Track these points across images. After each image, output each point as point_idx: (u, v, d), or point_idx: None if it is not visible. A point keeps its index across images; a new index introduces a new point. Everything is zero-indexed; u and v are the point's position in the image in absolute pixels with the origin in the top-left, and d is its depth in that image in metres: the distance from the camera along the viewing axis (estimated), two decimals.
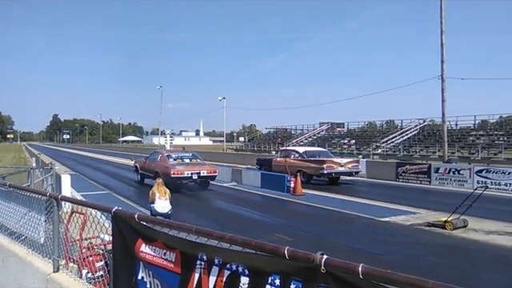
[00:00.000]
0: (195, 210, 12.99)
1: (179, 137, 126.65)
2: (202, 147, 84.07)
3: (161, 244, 2.70)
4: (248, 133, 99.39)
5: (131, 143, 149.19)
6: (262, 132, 76.76)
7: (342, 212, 12.16)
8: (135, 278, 2.89)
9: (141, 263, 2.85)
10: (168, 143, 49.80)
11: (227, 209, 13.30)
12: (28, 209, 4.78)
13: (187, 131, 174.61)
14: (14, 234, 5.44)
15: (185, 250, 2.54)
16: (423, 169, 19.96)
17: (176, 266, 2.58)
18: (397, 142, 38.72)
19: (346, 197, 15.18)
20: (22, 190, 5.19)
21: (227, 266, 2.32)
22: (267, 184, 16.95)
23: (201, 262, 2.44)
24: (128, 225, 2.96)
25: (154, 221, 2.78)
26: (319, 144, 46.07)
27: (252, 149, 56.24)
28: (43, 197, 4.48)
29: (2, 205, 5.68)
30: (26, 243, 4.99)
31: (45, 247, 4.43)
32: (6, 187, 5.53)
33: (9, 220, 5.47)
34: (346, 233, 9.89)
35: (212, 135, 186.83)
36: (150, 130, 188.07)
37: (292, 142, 49.96)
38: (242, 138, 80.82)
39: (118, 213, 3.06)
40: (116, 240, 3.09)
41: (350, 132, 49.26)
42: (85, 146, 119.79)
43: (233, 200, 15.08)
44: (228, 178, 20.59)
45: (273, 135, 62.04)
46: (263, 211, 12.81)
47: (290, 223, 11.04)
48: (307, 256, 2.02)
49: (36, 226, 4.57)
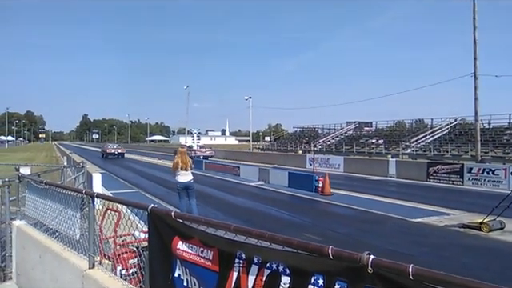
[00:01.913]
0: (223, 209, 13.00)
1: (205, 136, 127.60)
2: (228, 146, 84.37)
3: (198, 242, 2.66)
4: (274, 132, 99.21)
5: (158, 143, 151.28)
6: (288, 131, 76.59)
7: (371, 212, 11.96)
8: (172, 275, 2.87)
9: (177, 261, 2.83)
10: (195, 143, 50.18)
11: (255, 208, 13.26)
12: (64, 206, 4.84)
13: (213, 131, 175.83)
14: (50, 230, 5.55)
15: (223, 248, 2.50)
16: (455, 169, 19.45)
17: (214, 264, 2.54)
18: (427, 141, 37.90)
19: (375, 197, 14.92)
20: (58, 188, 5.27)
21: (267, 264, 2.25)
22: (295, 183, 16.84)
23: (239, 261, 2.39)
24: (164, 222, 2.94)
25: (190, 218, 2.75)
26: (346, 143, 45.68)
27: (278, 148, 56.12)
28: (79, 194, 4.53)
29: (39, 202, 5.78)
30: (62, 239, 5.07)
31: (80, 244, 4.47)
32: (42, 185, 5.63)
33: (45, 217, 5.57)
34: (376, 233, 9.70)
35: (238, 135, 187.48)
36: (177, 130, 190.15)
37: (319, 142, 49.61)
38: (268, 137, 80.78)
39: (154, 210, 3.04)
40: (152, 237, 3.08)
41: (378, 131, 48.50)
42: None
43: (260, 199, 15.04)
44: (255, 177, 20.60)
45: (299, 134, 61.75)
46: (291, 211, 12.71)
47: (318, 223, 10.92)
48: (353, 256, 1.94)
49: (72, 222, 4.62)
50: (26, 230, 5.94)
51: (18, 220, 6.41)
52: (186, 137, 70.79)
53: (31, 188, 6.26)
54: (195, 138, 52.78)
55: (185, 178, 10.66)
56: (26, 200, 6.48)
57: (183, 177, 10.65)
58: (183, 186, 10.65)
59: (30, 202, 6.26)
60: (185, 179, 10.65)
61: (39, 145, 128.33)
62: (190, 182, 10.72)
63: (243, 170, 22.95)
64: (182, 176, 10.64)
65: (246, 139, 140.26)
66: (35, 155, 48.26)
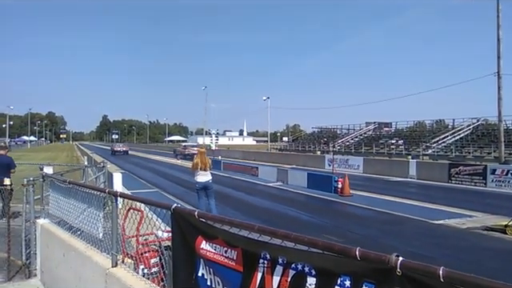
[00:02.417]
0: (242, 209, 13.02)
1: (223, 137, 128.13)
2: (246, 147, 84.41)
3: (222, 242, 2.66)
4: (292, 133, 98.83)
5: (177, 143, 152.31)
6: (306, 132, 76.28)
7: (391, 214, 11.82)
8: (195, 274, 2.87)
9: (201, 260, 2.83)
10: (213, 143, 50.41)
11: (274, 208, 13.23)
12: (87, 205, 4.90)
13: (231, 131, 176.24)
14: (72, 229, 5.64)
15: (247, 248, 2.49)
16: (478, 170, 19.08)
17: (238, 264, 2.53)
18: (448, 142, 37.31)
19: (395, 198, 14.74)
20: (82, 187, 5.35)
21: (292, 265, 2.24)
22: (314, 184, 16.75)
23: (264, 261, 2.37)
24: (187, 222, 2.94)
25: (214, 218, 2.75)
26: (366, 144, 45.26)
27: (296, 148, 55.96)
28: (102, 193, 4.58)
29: (62, 201, 5.87)
30: (84, 238, 5.14)
31: (103, 242, 4.52)
32: (65, 184, 5.72)
33: (68, 215, 5.65)
34: (396, 235, 9.57)
35: (255, 135, 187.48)
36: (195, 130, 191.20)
37: (337, 142, 49.28)
38: (286, 137, 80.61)
39: (177, 210, 3.05)
40: (176, 237, 3.08)
41: (398, 132, 47.96)
42: (133, 145, 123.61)
43: (279, 200, 15.01)
44: (273, 177, 20.57)
45: (317, 135, 61.46)
46: (310, 211, 12.64)
47: (337, 224, 10.84)
48: (381, 257, 1.91)
49: (95, 221, 4.67)
50: (50, 228, 6.04)
51: (42, 218, 6.52)
52: (204, 137, 71.20)
53: (55, 187, 6.36)
54: (213, 138, 52.97)
55: (204, 178, 10.72)
56: (49, 199, 6.60)
57: (202, 177, 10.72)
58: (202, 185, 10.72)
59: (53, 200, 6.36)
60: (204, 179, 10.72)
61: (60, 145, 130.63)
62: (208, 181, 10.79)
63: (261, 170, 22.94)
64: (201, 176, 10.71)
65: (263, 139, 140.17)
66: (56, 155, 49.11)
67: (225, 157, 39.01)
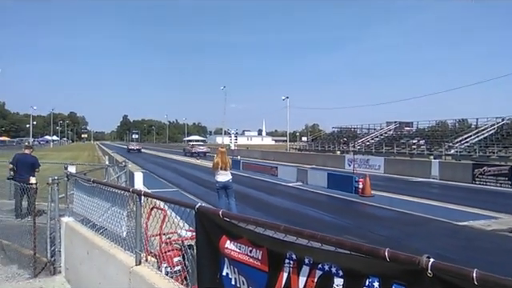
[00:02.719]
0: (262, 209, 13.00)
1: (242, 136, 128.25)
2: (265, 147, 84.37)
3: (246, 241, 2.65)
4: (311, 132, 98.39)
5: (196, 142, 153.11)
6: (326, 132, 75.85)
7: (414, 214, 11.64)
8: (220, 274, 2.87)
9: (225, 260, 2.82)
10: (233, 143, 50.53)
11: (294, 208, 13.17)
12: (111, 204, 4.95)
13: (249, 131, 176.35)
14: (96, 227, 5.71)
15: (272, 248, 2.47)
16: (503, 171, 18.62)
17: (263, 264, 2.52)
18: (471, 142, 36.56)
19: (418, 199, 14.51)
20: (105, 186, 5.41)
21: (319, 265, 2.21)
22: (334, 184, 16.62)
23: (289, 261, 2.35)
24: (212, 221, 2.94)
25: (238, 218, 2.74)
26: (386, 144, 44.73)
27: (316, 148, 55.67)
28: (126, 192, 4.62)
29: (86, 199, 5.96)
30: (107, 236, 5.20)
31: (127, 241, 4.56)
32: (89, 183, 5.80)
33: (92, 214, 5.73)
34: (419, 236, 9.42)
35: (274, 135, 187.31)
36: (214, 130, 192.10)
37: (358, 142, 48.84)
38: (305, 137, 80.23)
39: (201, 209, 3.05)
40: (200, 236, 3.09)
41: (419, 132, 47.25)
42: (152, 145, 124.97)
43: (299, 200, 14.95)
44: (293, 177, 20.49)
45: (337, 135, 61.03)
46: (331, 212, 12.54)
47: (359, 224, 10.73)
48: (411, 259, 1.87)
49: (118, 220, 4.72)
50: (74, 226, 6.14)
51: (67, 217, 6.64)
52: (222, 137, 71.42)
53: (79, 186, 6.46)
54: (233, 138, 53.08)
55: (224, 178, 10.77)
56: (73, 197, 6.71)
57: (222, 176, 10.76)
58: (222, 185, 10.77)
59: (77, 199, 6.46)
60: (224, 179, 10.77)
61: (82, 144, 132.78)
62: (228, 181, 10.83)
63: (281, 170, 22.88)
64: (222, 175, 10.76)
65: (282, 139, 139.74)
66: (78, 154, 49.92)
67: (244, 156, 39.08)
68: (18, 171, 10.83)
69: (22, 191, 9.87)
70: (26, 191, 9.25)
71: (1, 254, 7.82)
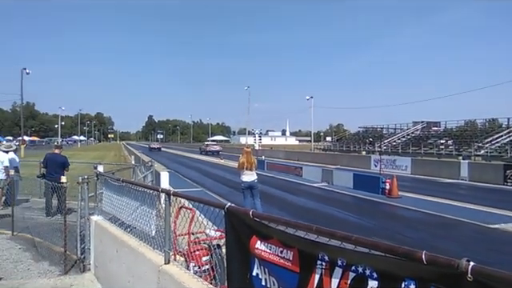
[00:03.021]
0: (287, 209, 12.95)
1: (266, 136, 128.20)
2: (289, 147, 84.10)
3: (277, 242, 2.63)
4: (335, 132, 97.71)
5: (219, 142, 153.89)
6: (350, 131, 75.13)
7: (443, 216, 11.37)
8: (250, 274, 2.86)
9: (255, 260, 2.81)
10: (257, 143, 50.57)
11: (319, 209, 13.07)
12: (140, 203, 5.01)
13: (273, 131, 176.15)
14: (124, 225, 5.79)
15: (304, 249, 2.44)
16: None
17: (294, 265, 2.49)
18: (503, 142, 35.53)
19: (447, 200, 14.18)
20: (134, 185, 5.47)
21: (352, 267, 2.17)
22: (360, 185, 16.43)
23: (321, 263, 2.32)
24: (241, 221, 2.93)
25: (269, 218, 2.72)
26: (413, 144, 43.97)
27: (340, 148, 55.19)
28: (155, 192, 4.66)
29: (115, 198, 6.05)
30: (136, 234, 5.26)
31: (155, 240, 4.60)
32: (119, 182, 5.88)
33: (121, 213, 5.81)
34: (449, 239, 9.19)
35: (298, 135, 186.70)
36: (237, 130, 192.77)
37: (384, 142, 48.16)
38: (330, 137, 79.63)
39: (231, 209, 3.05)
40: (229, 236, 3.08)
41: (448, 132, 46.25)
42: (177, 145, 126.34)
43: (324, 200, 14.83)
44: (318, 178, 20.36)
45: (362, 135, 60.34)
46: (357, 213, 12.38)
47: (386, 226, 10.55)
48: (450, 262, 1.82)
49: (147, 219, 4.76)
50: (104, 224, 6.23)
51: (96, 215, 6.75)
52: (246, 137, 71.54)
53: (108, 185, 6.56)
54: (257, 138, 53.10)
55: (249, 178, 10.77)
56: (103, 196, 6.82)
57: (248, 176, 10.77)
58: (247, 185, 10.77)
59: (106, 198, 6.56)
60: (249, 179, 10.77)
61: (108, 144, 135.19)
62: (254, 181, 10.83)
63: (306, 170, 22.76)
64: (247, 175, 10.77)
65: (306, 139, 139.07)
66: (105, 154, 50.81)
67: (268, 157, 39.06)
68: (48, 170, 11.09)
69: (52, 190, 10.14)
70: (57, 190, 9.48)
71: (33, 250, 8.03)
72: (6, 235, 9.03)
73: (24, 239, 8.78)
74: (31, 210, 11.30)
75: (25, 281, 6.31)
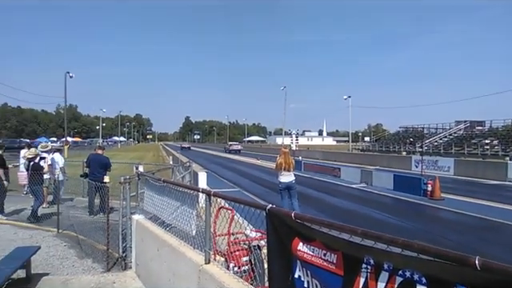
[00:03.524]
0: (325, 210, 12.79)
1: (302, 137, 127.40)
2: (326, 147, 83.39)
3: (320, 244, 2.58)
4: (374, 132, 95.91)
5: (255, 143, 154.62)
6: (390, 131, 73.58)
7: (489, 219, 10.93)
8: (292, 276, 2.83)
9: (298, 262, 2.77)
10: (294, 143, 50.37)
11: (358, 210, 12.84)
12: (180, 203, 5.07)
13: (310, 131, 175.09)
14: (163, 224, 5.89)
15: (348, 252, 2.38)
16: None
17: (338, 268, 2.44)
18: None
19: (493, 203, 13.63)
20: (175, 186, 5.54)
21: (399, 272, 2.10)
22: (401, 186, 16.04)
23: (367, 266, 2.26)
24: (283, 223, 2.90)
25: (311, 220, 2.68)
26: (456, 144, 42.56)
27: (380, 149, 54.13)
28: (195, 192, 4.70)
29: (156, 198, 6.15)
30: (176, 234, 5.32)
31: (196, 239, 4.64)
32: (160, 182, 5.98)
33: (161, 212, 5.90)
34: (496, 243, 8.81)
35: (335, 135, 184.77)
36: (273, 130, 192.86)
37: (425, 142, 46.83)
38: (368, 137, 78.26)
39: (272, 210, 3.02)
40: (271, 237, 3.06)
41: (493, 131, 44.41)
42: (213, 145, 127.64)
43: (363, 202, 14.56)
44: (357, 179, 20.04)
45: (402, 135, 58.93)
46: (398, 215, 12.07)
47: (428, 229, 10.24)
48: (507, 269, 1.72)
49: (188, 219, 4.81)
50: (145, 223, 6.35)
51: (137, 214, 6.89)
52: (283, 137, 71.36)
53: (149, 185, 6.68)
54: (294, 138, 52.86)
55: (287, 179, 10.71)
56: (144, 196, 6.96)
57: (285, 177, 10.71)
58: (285, 185, 10.71)
59: (147, 198, 6.69)
60: (287, 179, 10.71)
61: (146, 145, 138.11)
62: (291, 182, 10.76)
63: (344, 171, 22.45)
64: (285, 176, 10.71)
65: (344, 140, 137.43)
66: (144, 155, 51.90)
67: (305, 157, 38.84)
68: (91, 170, 11.43)
69: (95, 189, 10.46)
70: (99, 189, 9.77)
71: (77, 247, 8.30)
72: (53, 232, 9.39)
73: (69, 237, 9.10)
74: (75, 209, 11.71)
75: (70, 277, 6.53)
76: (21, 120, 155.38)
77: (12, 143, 49.74)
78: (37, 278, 6.32)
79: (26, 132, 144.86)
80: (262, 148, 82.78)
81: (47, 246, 8.21)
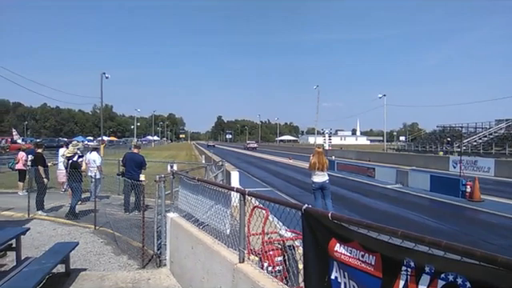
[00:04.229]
0: (359, 211, 12.59)
1: (335, 136, 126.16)
2: (360, 147, 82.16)
3: (358, 245, 2.52)
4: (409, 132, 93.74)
5: (287, 142, 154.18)
6: (426, 131, 71.78)
7: None
8: (328, 277, 2.78)
9: (334, 263, 2.72)
10: (327, 143, 49.92)
11: (393, 212, 12.56)
12: (214, 202, 5.09)
13: (343, 130, 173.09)
14: (197, 222, 5.93)
15: (387, 254, 2.32)
16: None
17: (376, 270, 2.37)
18: None
19: None
20: (210, 184, 5.57)
21: (442, 275, 2.02)
22: (438, 187, 15.61)
23: (407, 269, 2.19)
24: (320, 223, 2.85)
25: (349, 221, 2.62)
26: (496, 144, 41.04)
27: (416, 149, 52.90)
28: (229, 191, 4.71)
29: (190, 196, 6.20)
30: (210, 232, 5.35)
31: (230, 238, 4.65)
32: (194, 181, 6.03)
33: (195, 211, 5.95)
34: None
35: (369, 134, 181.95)
36: (306, 130, 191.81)
37: (463, 142, 45.39)
38: (403, 137, 76.61)
39: (308, 210, 2.98)
40: (307, 237, 3.01)
41: None
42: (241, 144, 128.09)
43: (399, 203, 14.23)
44: (392, 179, 19.64)
45: (439, 134, 57.33)
46: (435, 217, 11.72)
47: (468, 232, 9.90)
48: None
49: (222, 217, 4.83)
50: (179, 221, 6.41)
51: (172, 212, 6.98)
52: (315, 137, 70.81)
53: (183, 184, 6.75)
54: (327, 138, 52.37)
55: (320, 179, 10.60)
56: (178, 194, 7.04)
57: (319, 177, 10.60)
58: (319, 185, 10.61)
59: (182, 196, 6.75)
60: (320, 179, 10.60)
61: (179, 144, 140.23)
62: (325, 182, 10.64)
63: (379, 171, 22.05)
64: (318, 176, 10.61)
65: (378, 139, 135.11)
66: (177, 153, 52.63)
67: (338, 157, 38.40)
68: (127, 169, 11.67)
69: (131, 187, 10.68)
70: (135, 187, 9.97)
71: (113, 244, 8.50)
72: (90, 229, 9.65)
73: (105, 233, 9.32)
74: (111, 206, 11.99)
75: (107, 273, 6.68)
76: (59, 120, 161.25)
77: (51, 142, 51.72)
78: (75, 273, 6.50)
79: (63, 131, 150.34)
80: (294, 147, 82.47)
81: (85, 242, 8.44)
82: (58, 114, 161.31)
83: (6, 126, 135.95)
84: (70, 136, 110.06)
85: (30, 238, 8.37)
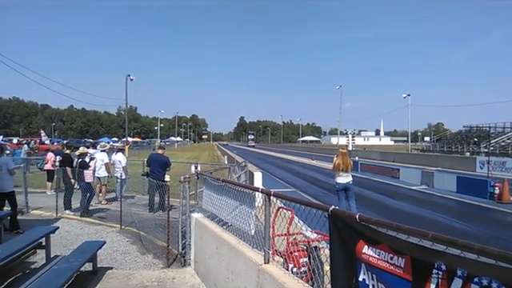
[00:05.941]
0: (383, 212, 12.41)
1: (358, 137, 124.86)
2: (383, 147, 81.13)
3: (386, 247, 2.49)
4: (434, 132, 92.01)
5: (310, 143, 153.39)
6: (451, 131, 70.35)
7: None
8: (356, 279, 2.75)
9: (362, 265, 2.69)
10: (350, 143, 49.48)
11: (419, 213, 12.33)
12: (239, 202, 5.10)
13: (366, 131, 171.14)
14: (221, 222, 5.95)
15: (417, 257, 2.28)
16: None
17: (406, 273, 2.34)
18: None
19: None
20: (235, 185, 5.59)
21: (474, 279, 1.97)
22: (465, 189, 15.27)
23: (438, 272, 2.15)
24: (347, 225, 2.83)
25: (378, 222, 2.58)
26: None
27: (441, 149, 51.89)
28: (253, 192, 4.71)
29: (215, 197, 6.23)
30: (234, 233, 5.36)
31: (255, 239, 4.65)
32: (218, 182, 6.06)
33: (220, 211, 5.97)
34: None
35: (393, 135, 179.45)
36: (328, 130, 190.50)
37: (491, 143, 44.32)
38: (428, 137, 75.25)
39: (335, 212, 2.96)
40: (334, 239, 2.99)
41: None
42: (267, 145, 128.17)
43: (425, 204, 13.98)
44: (417, 180, 19.30)
45: (465, 134, 56.09)
46: (462, 219, 11.46)
47: (498, 235, 9.64)
48: None
49: (247, 218, 4.83)
50: (204, 222, 6.45)
51: (196, 212, 7.03)
52: (338, 137, 70.24)
53: (207, 184, 6.79)
54: (350, 138, 51.91)
55: (344, 179, 10.51)
56: (202, 195, 7.08)
57: (343, 178, 10.52)
58: (342, 186, 10.52)
59: (206, 196, 6.79)
60: (344, 180, 10.51)
61: (202, 145, 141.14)
62: (349, 183, 10.55)
63: (403, 172, 21.71)
64: (342, 177, 10.52)
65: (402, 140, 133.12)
66: (200, 154, 52.93)
67: (361, 157, 37.99)
68: (151, 169, 11.82)
69: (155, 188, 10.81)
70: (159, 188, 10.09)
71: (138, 243, 8.62)
72: (116, 228, 9.82)
73: (131, 233, 9.46)
74: (136, 206, 12.16)
75: (132, 271, 6.78)
76: (85, 121, 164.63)
77: (77, 143, 52.71)
78: (102, 271, 6.62)
79: (89, 132, 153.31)
80: (316, 148, 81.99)
81: (111, 241, 8.59)
82: (84, 115, 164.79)
83: (34, 127, 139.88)
84: (95, 137, 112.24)
85: (59, 237, 8.56)
